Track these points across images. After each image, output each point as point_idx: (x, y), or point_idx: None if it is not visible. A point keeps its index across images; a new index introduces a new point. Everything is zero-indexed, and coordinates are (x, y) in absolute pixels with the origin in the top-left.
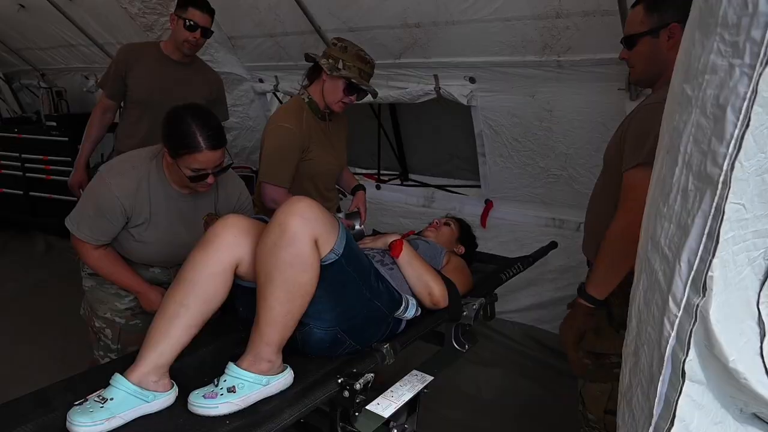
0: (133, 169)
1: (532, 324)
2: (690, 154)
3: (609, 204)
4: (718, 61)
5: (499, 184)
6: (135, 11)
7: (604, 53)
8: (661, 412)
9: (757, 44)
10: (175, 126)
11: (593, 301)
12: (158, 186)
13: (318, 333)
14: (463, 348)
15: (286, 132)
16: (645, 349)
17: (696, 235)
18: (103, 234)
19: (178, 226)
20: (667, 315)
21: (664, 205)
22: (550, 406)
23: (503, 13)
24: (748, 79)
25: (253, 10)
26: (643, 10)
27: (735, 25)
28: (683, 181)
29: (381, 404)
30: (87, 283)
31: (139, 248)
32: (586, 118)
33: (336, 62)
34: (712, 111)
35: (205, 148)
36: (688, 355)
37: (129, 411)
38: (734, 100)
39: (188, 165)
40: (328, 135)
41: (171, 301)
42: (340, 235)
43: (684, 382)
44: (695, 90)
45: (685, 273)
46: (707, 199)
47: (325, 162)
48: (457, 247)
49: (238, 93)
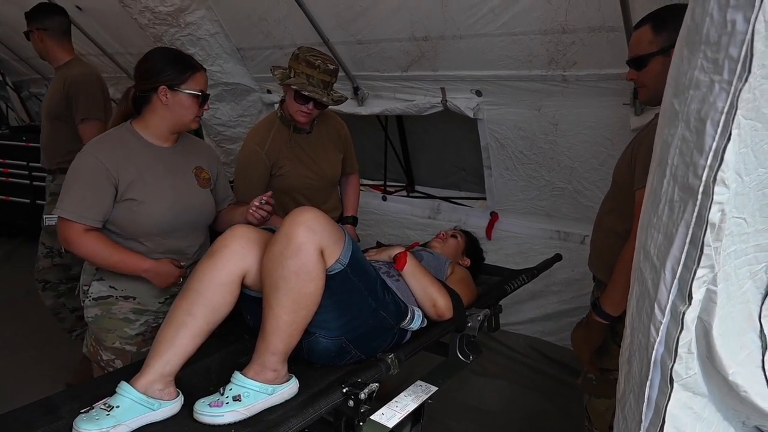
0: (107, 136)
1: (536, 336)
2: (676, 166)
3: (617, 221)
4: (701, 76)
5: (504, 196)
6: (145, 22)
7: (609, 68)
8: (651, 419)
9: (735, 61)
10: (166, 56)
11: (609, 318)
12: (137, 144)
13: (324, 342)
14: (467, 359)
15: (248, 152)
16: (636, 356)
17: (679, 244)
18: (89, 207)
19: (171, 179)
20: (653, 321)
21: (654, 216)
22: (555, 418)
23: (510, 28)
24: (726, 94)
25: (262, 22)
26: (651, 30)
27: (716, 42)
28: (670, 193)
29: (385, 414)
30: (91, 313)
31: (144, 212)
32: (591, 132)
33: (289, 71)
34: (695, 125)
35: (202, 68)
36: (675, 362)
37: (134, 419)
38: (713, 114)
39: (194, 87)
40: (308, 147)
41: (178, 310)
42: (346, 246)
43: (672, 389)
44: (682, 105)
45: (669, 280)
46: (689, 208)
47: (300, 175)
48: (462, 259)
49: (246, 104)
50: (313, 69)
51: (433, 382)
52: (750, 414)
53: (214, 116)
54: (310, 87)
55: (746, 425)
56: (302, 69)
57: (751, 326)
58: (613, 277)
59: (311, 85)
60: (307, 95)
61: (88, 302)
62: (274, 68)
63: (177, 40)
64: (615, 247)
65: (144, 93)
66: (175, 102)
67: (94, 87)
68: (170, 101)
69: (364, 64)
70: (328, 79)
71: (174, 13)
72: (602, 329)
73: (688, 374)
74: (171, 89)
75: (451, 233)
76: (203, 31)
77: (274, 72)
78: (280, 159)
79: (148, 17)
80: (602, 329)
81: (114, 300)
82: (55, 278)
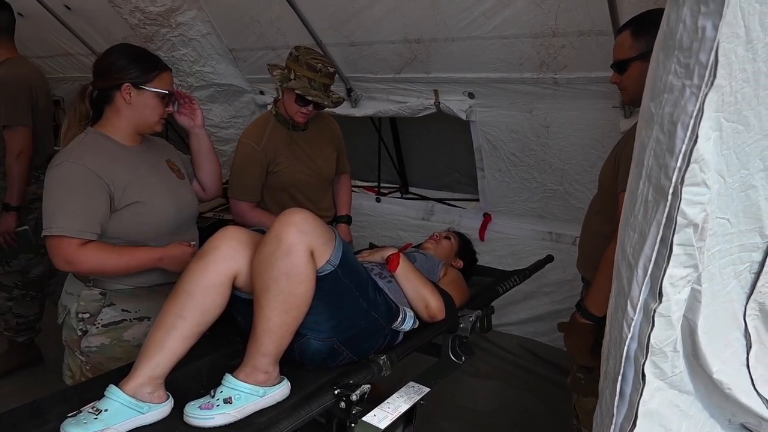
0: (82, 144)
1: (528, 336)
2: (651, 167)
3: (603, 223)
4: (674, 81)
5: (497, 198)
6: (135, 22)
7: (598, 72)
8: (625, 413)
9: (704, 67)
10: (131, 54)
11: (593, 318)
12: (114, 147)
13: (315, 344)
14: (459, 360)
15: (246, 148)
16: (612, 351)
17: (651, 243)
18: (87, 220)
19: (156, 176)
20: (625, 318)
21: (631, 215)
22: (547, 419)
23: (501, 31)
24: (695, 99)
25: (254, 23)
26: (630, 35)
27: (688, 48)
28: (645, 193)
29: (377, 416)
30: (95, 342)
31: (151, 212)
32: (582, 134)
33: (289, 73)
34: (667, 127)
35: (167, 68)
36: (647, 357)
37: (123, 422)
38: (684, 118)
39: (160, 86)
40: (304, 144)
41: (168, 313)
42: (337, 247)
43: (644, 385)
44: (657, 108)
45: (641, 278)
46: (660, 208)
47: (297, 171)
48: (455, 261)
49: (239, 105)
50: (315, 73)
51: (426, 383)
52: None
53: (206, 117)
54: (312, 91)
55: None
56: (303, 72)
57: (736, 325)
58: (596, 278)
59: (313, 89)
60: (310, 99)
61: (94, 330)
62: (271, 67)
63: (168, 41)
64: (602, 248)
65: (105, 91)
66: (140, 101)
67: (19, 91)
68: (134, 100)
69: (357, 66)
70: (328, 82)
71: (165, 14)
72: (589, 329)
73: (674, 372)
74: (135, 87)
75: (444, 235)
76: (195, 32)
77: (273, 72)
78: (277, 156)
79: (138, 17)
80: (589, 329)
81: (128, 323)
82: (9, 282)
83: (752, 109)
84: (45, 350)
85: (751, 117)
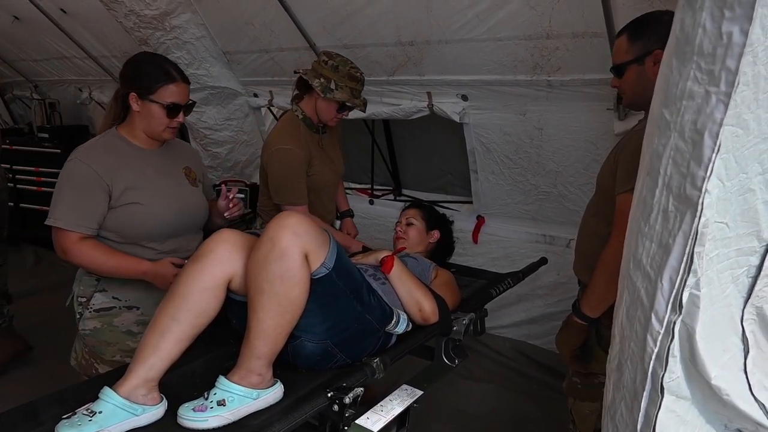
0: (96, 143)
1: (522, 339)
2: (670, 176)
3: (601, 226)
4: (694, 87)
5: (490, 200)
6: (130, 25)
7: (592, 74)
8: (641, 428)
9: (732, 73)
10: (143, 64)
11: (587, 319)
12: (127, 149)
13: (309, 346)
14: (453, 363)
15: (287, 153)
16: (628, 364)
17: (677, 255)
18: (84, 216)
19: (165, 180)
20: (650, 331)
21: (645, 225)
22: (541, 422)
23: (495, 33)
24: (724, 106)
25: (248, 26)
26: (627, 39)
27: (710, 54)
28: (663, 202)
29: (371, 419)
30: (89, 326)
31: (147, 214)
32: (576, 136)
33: (328, 82)
34: (690, 135)
35: (179, 80)
36: (666, 371)
37: (117, 424)
38: (711, 126)
39: (164, 99)
40: (325, 147)
41: (163, 315)
42: (331, 249)
43: (663, 398)
44: (673, 115)
45: (667, 291)
46: (688, 219)
47: (326, 174)
48: (431, 236)
49: (232, 107)
50: (357, 83)
51: (419, 386)
52: (732, 417)
53: (200, 120)
54: (356, 100)
55: (729, 428)
56: (345, 82)
57: (734, 330)
58: (592, 280)
59: (356, 98)
60: (355, 107)
61: (87, 314)
62: (309, 74)
63: (162, 44)
64: (599, 250)
65: (124, 97)
66: (145, 110)
67: None
68: (141, 109)
69: None
70: (362, 89)
71: (159, 17)
72: (582, 330)
73: (671, 378)
74: (140, 98)
75: (405, 221)
76: (189, 35)
77: (313, 81)
78: (312, 159)
79: (133, 21)
80: (582, 330)
81: (117, 311)
82: None
83: (752, 113)
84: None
85: (751, 120)
